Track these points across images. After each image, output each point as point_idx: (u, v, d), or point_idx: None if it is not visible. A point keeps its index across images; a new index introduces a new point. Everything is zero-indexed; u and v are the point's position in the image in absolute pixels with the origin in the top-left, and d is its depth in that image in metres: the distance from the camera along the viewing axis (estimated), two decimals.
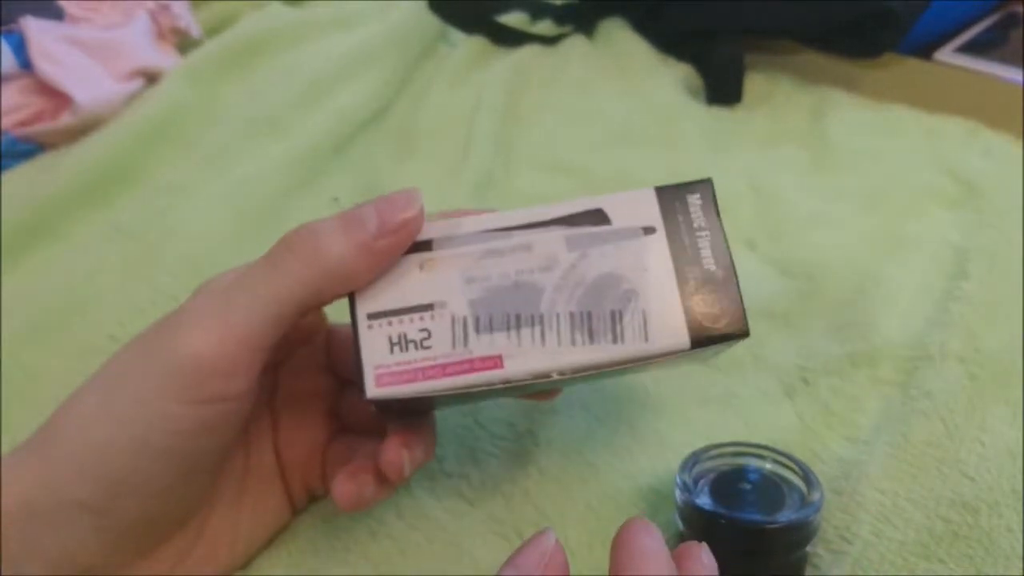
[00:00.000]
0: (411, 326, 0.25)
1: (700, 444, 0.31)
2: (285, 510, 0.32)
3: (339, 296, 0.25)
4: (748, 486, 0.29)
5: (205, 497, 0.28)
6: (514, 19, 0.71)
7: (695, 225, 0.26)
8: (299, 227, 0.25)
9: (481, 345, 0.25)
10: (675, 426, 0.36)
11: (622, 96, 0.61)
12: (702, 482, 0.29)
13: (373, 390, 0.25)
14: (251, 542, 0.30)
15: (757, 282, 0.43)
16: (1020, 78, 0.56)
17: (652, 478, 0.33)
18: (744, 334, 0.25)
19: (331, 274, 0.24)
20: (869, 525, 0.30)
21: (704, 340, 0.25)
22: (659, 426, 0.36)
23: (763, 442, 0.30)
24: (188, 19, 0.63)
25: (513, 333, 0.25)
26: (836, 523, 0.30)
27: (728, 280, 0.26)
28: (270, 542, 0.32)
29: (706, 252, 0.26)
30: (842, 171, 0.52)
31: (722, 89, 0.60)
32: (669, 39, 0.66)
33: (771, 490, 0.29)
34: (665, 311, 0.25)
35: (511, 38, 0.69)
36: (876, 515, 0.31)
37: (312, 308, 0.25)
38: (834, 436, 0.35)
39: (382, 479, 0.28)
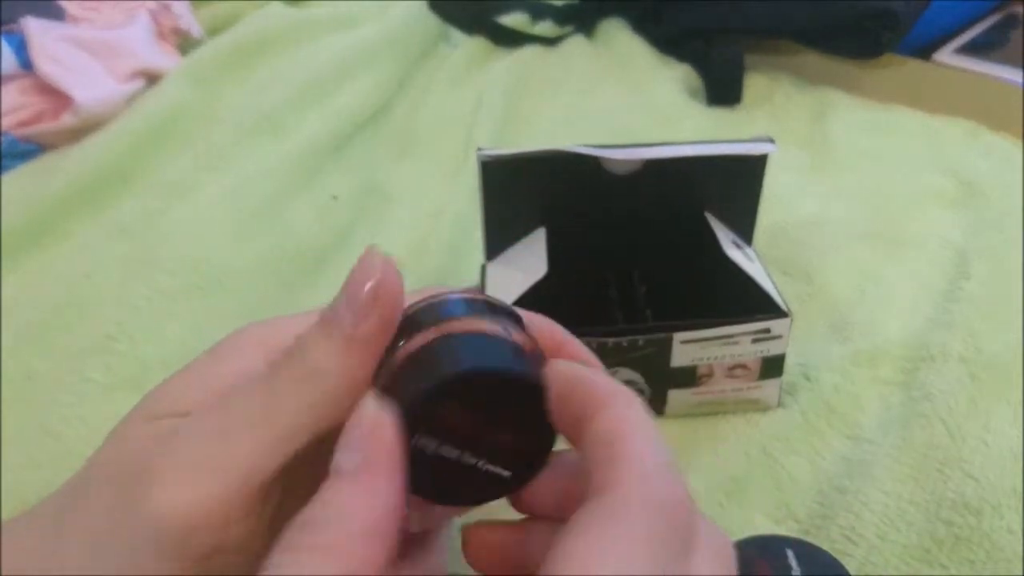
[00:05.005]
0: None
1: None
2: None
3: (342, 415, 0.20)
4: None
5: None
6: (514, 20, 0.71)
7: None
8: (291, 349, 0.20)
9: None
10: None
11: (622, 97, 0.61)
12: None
13: None
14: None
15: None
16: (1020, 79, 0.56)
17: None
18: None
19: (330, 393, 0.20)
20: (874, 527, 0.30)
21: None
22: None
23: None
24: (189, 19, 0.63)
25: None
26: (841, 522, 0.30)
27: None
28: None
29: None
30: (842, 171, 0.52)
31: (722, 90, 0.60)
32: (669, 40, 0.66)
33: None
34: None
35: (511, 39, 0.69)
36: (881, 517, 0.31)
37: (316, 435, 0.20)
38: (835, 434, 0.35)
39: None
